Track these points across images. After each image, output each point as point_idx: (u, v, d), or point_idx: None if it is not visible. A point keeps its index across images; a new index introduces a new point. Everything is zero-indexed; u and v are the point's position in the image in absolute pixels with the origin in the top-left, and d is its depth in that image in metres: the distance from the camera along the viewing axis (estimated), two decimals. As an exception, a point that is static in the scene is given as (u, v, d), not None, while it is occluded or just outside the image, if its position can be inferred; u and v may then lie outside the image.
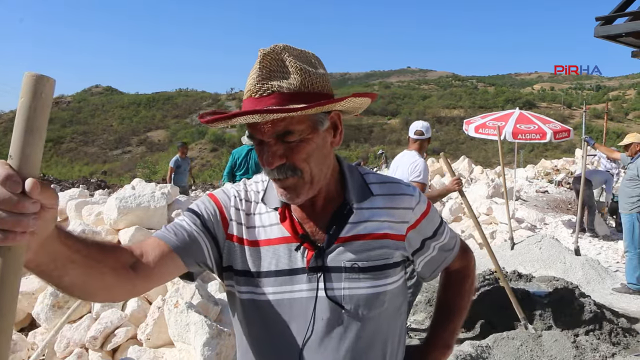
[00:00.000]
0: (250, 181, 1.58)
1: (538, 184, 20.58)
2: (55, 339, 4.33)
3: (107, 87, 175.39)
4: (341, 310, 1.40)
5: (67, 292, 1.15)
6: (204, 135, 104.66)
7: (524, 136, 12.04)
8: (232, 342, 3.86)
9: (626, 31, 7.23)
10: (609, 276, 8.32)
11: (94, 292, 1.21)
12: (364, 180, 1.53)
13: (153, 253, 1.32)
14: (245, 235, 1.45)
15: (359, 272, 1.41)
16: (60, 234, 1.04)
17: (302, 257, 1.41)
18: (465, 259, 1.76)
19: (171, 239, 1.37)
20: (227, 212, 1.48)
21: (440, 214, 1.68)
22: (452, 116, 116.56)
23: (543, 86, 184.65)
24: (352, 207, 1.45)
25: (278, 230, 1.44)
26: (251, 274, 1.43)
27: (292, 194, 1.36)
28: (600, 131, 53.16)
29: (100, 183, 22.70)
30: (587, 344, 4.73)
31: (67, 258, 1.07)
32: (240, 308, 1.47)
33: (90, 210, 6.10)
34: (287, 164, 1.33)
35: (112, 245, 1.29)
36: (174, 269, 1.37)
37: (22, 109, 0.84)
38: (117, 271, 1.21)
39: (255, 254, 1.43)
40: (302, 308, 1.40)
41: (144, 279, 1.29)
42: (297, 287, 1.41)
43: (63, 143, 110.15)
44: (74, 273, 1.10)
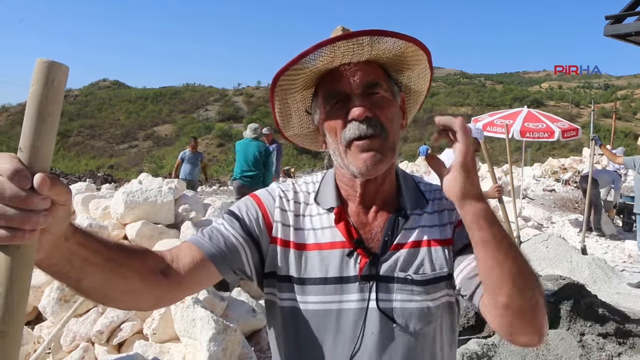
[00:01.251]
0: (300, 181, 1.49)
1: (545, 183, 20.53)
2: (62, 333, 4.34)
3: (114, 81, 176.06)
4: (392, 324, 1.29)
5: (88, 296, 1.09)
6: (211, 130, 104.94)
7: (532, 135, 12.00)
8: (238, 337, 3.87)
9: (636, 30, 7.20)
10: (615, 275, 8.30)
11: (117, 297, 1.13)
12: (418, 187, 1.46)
13: (185, 259, 1.24)
14: (293, 238, 1.35)
15: (411, 284, 1.31)
16: (77, 234, 0.98)
17: (355, 265, 1.31)
18: None
19: (205, 244, 1.29)
20: (271, 214, 1.38)
21: None
22: (460, 114, 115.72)
23: (551, 84, 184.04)
24: (407, 213, 1.37)
25: (330, 234, 1.34)
26: (295, 280, 1.33)
27: (376, 157, 1.25)
28: (608, 130, 52.94)
29: (107, 177, 22.77)
30: (593, 343, 4.71)
31: (85, 260, 1.01)
32: (281, 317, 1.36)
33: (98, 204, 6.11)
34: (374, 119, 1.25)
35: (140, 249, 1.21)
36: (206, 277, 1.28)
37: (33, 97, 0.79)
38: (144, 276, 1.14)
39: (303, 259, 1.34)
40: (350, 320, 1.29)
41: (175, 286, 1.21)
42: (346, 296, 1.30)
43: (70, 137, 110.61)
44: (94, 277, 1.04)
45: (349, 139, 1.26)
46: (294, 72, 1.27)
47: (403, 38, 1.25)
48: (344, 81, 1.27)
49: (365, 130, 1.24)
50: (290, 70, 1.26)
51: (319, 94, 1.34)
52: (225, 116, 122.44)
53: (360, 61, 1.29)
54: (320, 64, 1.25)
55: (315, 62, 1.24)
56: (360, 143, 1.26)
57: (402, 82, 1.43)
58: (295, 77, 1.29)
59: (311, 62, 1.24)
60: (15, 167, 0.76)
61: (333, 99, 1.29)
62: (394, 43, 1.26)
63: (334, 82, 1.28)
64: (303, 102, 1.42)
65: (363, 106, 1.24)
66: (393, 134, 1.29)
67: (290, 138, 1.52)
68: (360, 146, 1.26)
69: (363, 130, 1.24)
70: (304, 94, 1.39)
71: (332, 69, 1.29)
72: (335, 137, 1.30)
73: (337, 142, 1.30)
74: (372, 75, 1.29)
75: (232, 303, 4.64)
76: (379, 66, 1.33)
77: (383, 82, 1.31)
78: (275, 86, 1.31)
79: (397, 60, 1.34)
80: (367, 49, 1.24)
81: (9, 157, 0.78)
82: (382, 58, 1.31)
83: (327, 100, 1.31)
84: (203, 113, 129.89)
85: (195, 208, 6.37)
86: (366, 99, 1.27)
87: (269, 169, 9.29)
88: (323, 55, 1.22)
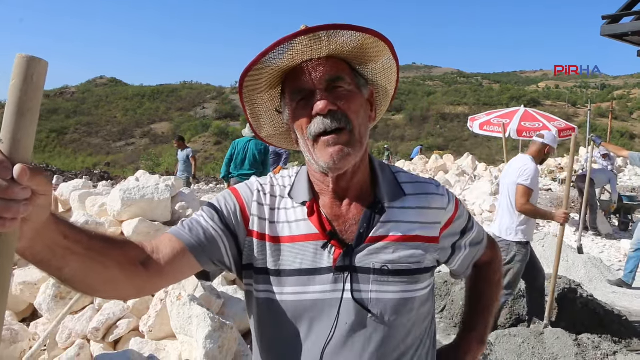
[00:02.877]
0: (277, 175, 1.51)
1: (542, 182, 20.55)
2: (57, 330, 4.32)
3: (111, 78, 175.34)
4: (367, 314, 1.31)
5: (69, 285, 1.12)
6: (208, 128, 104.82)
7: (529, 134, 12.04)
8: (234, 335, 3.86)
9: (632, 30, 7.22)
10: (611, 275, 8.33)
11: (98, 286, 1.17)
12: (395, 179, 1.46)
13: (165, 250, 1.27)
14: (268, 231, 1.38)
15: (388, 275, 1.32)
16: (59, 223, 1.02)
17: (328, 256, 1.33)
18: (493, 251, 1.72)
19: (185, 235, 1.32)
20: (249, 207, 1.41)
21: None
22: (457, 113, 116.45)
23: (548, 84, 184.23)
24: (383, 205, 1.38)
25: (304, 226, 1.36)
26: (271, 272, 1.35)
27: (344, 151, 1.28)
28: (604, 130, 53.10)
29: (104, 174, 22.77)
30: (588, 342, 4.72)
31: (67, 248, 1.04)
32: (257, 308, 1.40)
33: (94, 202, 6.09)
34: (339, 112, 1.28)
35: (121, 240, 1.24)
36: (187, 268, 1.31)
37: (13, 91, 0.83)
38: (124, 266, 1.17)
39: (277, 251, 1.36)
40: (324, 310, 1.32)
41: (155, 277, 1.24)
42: (320, 287, 1.32)
43: (67, 134, 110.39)
44: (74, 265, 1.07)
45: (314, 133, 1.29)
46: (257, 72, 1.29)
47: (359, 30, 1.28)
48: (307, 77, 1.29)
49: (329, 125, 1.27)
50: (253, 71, 1.29)
51: (286, 92, 1.36)
52: (223, 114, 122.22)
53: (322, 57, 1.31)
54: (281, 62, 1.27)
55: (276, 60, 1.26)
56: (326, 138, 1.28)
57: (368, 77, 1.44)
58: (259, 77, 1.31)
59: (272, 60, 1.27)
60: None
61: (298, 95, 1.32)
62: (350, 36, 1.28)
63: (297, 80, 1.31)
64: (272, 101, 1.44)
65: (325, 99, 1.27)
66: (359, 127, 1.32)
67: (266, 139, 1.55)
68: (326, 141, 1.29)
69: (328, 125, 1.27)
70: (271, 93, 1.42)
71: (295, 67, 1.31)
72: (303, 134, 1.33)
73: (304, 139, 1.33)
74: (334, 69, 1.31)
75: (229, 301, 4.63)
76: (342, 61, 1.36)
77: (346, 76, 1.33)
78: (242, 87, 1.34)
79: (358, 53, 1.36)
80: (325, 44, 1.27)
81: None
82: (343, 52, 1.33)
83: (292, 97, 1.33)
84: (200, 111, 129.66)
85: (192, 205, 6.35)
86: (330, 94, 1.29)
87: (267, 168, 9.29)
88: (283, 54, 1.25)
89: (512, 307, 5.83)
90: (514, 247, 5.14)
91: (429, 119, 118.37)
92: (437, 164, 22.45)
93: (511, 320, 5.74)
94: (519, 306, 5.85)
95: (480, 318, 1.72)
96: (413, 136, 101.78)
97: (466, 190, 15.82)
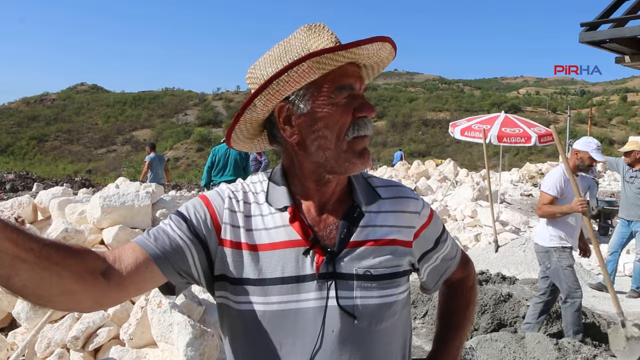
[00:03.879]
0: (247, 181, 1.45)
1: (523, 188, 20.75)
2: (36, 339, 4.27)
3: (92, 85, 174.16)
4: (353, 321, 1.28)
5: (20, 295, 1.04)
6: (190, 134, 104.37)
7: (509, 139, 12.14)
8: (215, 342, 3.84)
9: (610, 37, 7.30)
10: (591, 279, 8.40)
11: (51, 297, 1.08)
12: (368, 183, 1.45)
13: (128, 260, 1.19)
14: (244, 239, 1.32)
15: (371, 280, 1.31)
16: (6, 230, 0.95)
17: (311, 263, 1.29)
18: (467, 269, 1.68)
19: (150, 245, 1.25)
20: (220, 215, 1.34)
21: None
22: (439, 119, 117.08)
23: (528, 90, 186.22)
24: (361, 210, 1.37)
25: (284, 233, 1.31)
26: (250, 282, 1.29)
27: (369, 156, 1.33)
28: (584, 136, 53.66)
29: (85, 182, 22.57)
30: (569, 345, 4.76)
31: (16, 256, 0.97)
32: (236, 320, 1.33)
33: (74, 209, 6.03)
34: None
35: (80, 248, 1.15)
36: (149, 279, 1.24)
37: None
38: (81, 276, 1.09)
39: (256, 260, 1.30)
40: (309, 319, 1.28)
41: (116, 288, 1.16)
42: (304, 295, 1.28)
43: (47, 141, 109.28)
44: (25, 274, 0.99)
45: (356, 135, 1.28)
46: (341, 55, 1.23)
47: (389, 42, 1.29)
48: (356, 79, 1.30)
49: (369, 130, 1.30)
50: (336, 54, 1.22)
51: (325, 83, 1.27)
52: (205, 121, 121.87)
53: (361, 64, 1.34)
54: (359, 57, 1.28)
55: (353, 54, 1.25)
56: (365, 140, 1.31)
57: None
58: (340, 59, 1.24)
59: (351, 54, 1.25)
60: None
61: (346, 91, 1.28)
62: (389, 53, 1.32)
63: (348, 77, 1.28)
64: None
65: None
66: None
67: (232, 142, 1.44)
68: (363, 142, 1.30)
69: (369, 130, 1.30)
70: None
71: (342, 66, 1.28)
72: (339, 131, 1.28)
73: (337, 138, 1.28)
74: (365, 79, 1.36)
75: (210, 308, 4.60)
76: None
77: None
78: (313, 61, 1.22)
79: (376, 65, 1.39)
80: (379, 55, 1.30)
81: None
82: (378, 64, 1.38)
83: (339, 91, 1.27)
84: (182, 117, 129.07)
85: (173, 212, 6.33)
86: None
87: (248, 174, 9.26)
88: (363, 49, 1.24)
89: (493, 312, 5.86)
90: (552, 253, 5.17)
91: (411, 125, 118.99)
92: (419, 169, 22.57)
93: (492, 324, 5.77)
94: (500, 311, 5.89)
95: (451, 337, 1.67)
96: (395, 142, 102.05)
97: (448, 196, 15.91)
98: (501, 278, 7.25)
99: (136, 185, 6.44)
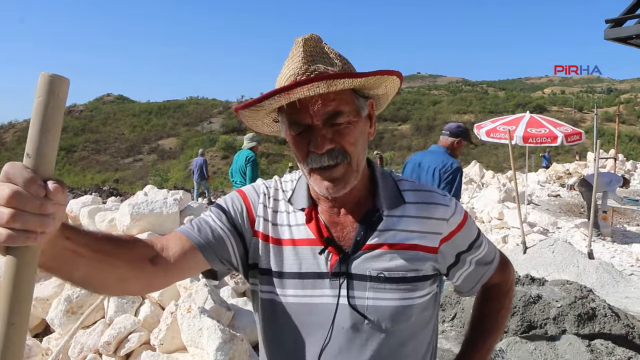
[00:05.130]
0: (282, 179, 1.54)
1: (550, 188, 20.49)
2: (69, 344, 4.35)
3: (118, 95, 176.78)
4: (363, 321, 1.33)
5: (81, 286, 1.16)
6: (215, 142, 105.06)
7: (535, 140, 12.00)
8: (244, 347, 3.87)
9: (636, 33, 7.20)
10: (623, 280, 8.25)
11: (108, 285, 1.20)
12: (397, 187, 1.45)
13: (174, 248, 1.29)
14: (271, 232, 1.41)
15: (384, 282, 1.33)
16: (65, 229, 1.04)
17: (325, 262, 1.35)
18: (505, 273, 1.65)
19: (193, 234, 1.35)
20: (255, 209, 1.45)
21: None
22: (463, 121, 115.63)
23: (553, 90, 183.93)
24: (381, 213, 1.38)
25: (304, 231, 1.39)
26: (274, 273, 1.39)
27: (339, 184, 1.29)
28: (612, 134, 52.86)
29: (112, 191, 22.82)
30: (602, 347, 4.68)
31: (75, 252, 1.07)
32: (261, 308, 1.43)
33: (104, 217, 6.13)
34: (336, 149, 1.27)
35: (128, 238, 1.26)
36: (194, 265, 1.34)
37: (38, 108, 0.86)
38: (132, 264, 1.20)
39: (279, 253, 1.39)
40: (322, 314, 1.34)
41: (163, 273, 1.26)
42: (319, 292, 1.35)
43: (75, 151, 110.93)
44: (84, 267, 1.10)
45: (310, 168, 1.30)
46: (256, 109, 1.27)
47: (360, 76, 1.22)
48: (305, 113, 1.25)
49: (326, 162, 1.27)
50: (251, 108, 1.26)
51: (284, 116, 1.32)
52: (229, 128, 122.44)
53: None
54: (277, 103, 1.24)
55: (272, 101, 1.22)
56: (322, 174, 1.29)
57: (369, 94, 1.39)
58: (258, 111, 1.29)
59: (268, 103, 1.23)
60: (31, 177, 0.85)
61: (296, 128, 1.29)
62: (352, 82, 1.23)
63: (295, 113, 1.26)
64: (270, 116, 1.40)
65: (323, 137, 1.25)
66: (357, 155, 1.31)
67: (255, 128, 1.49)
68: (324, 175, 1.29)
69: (324, 162, 1.27)
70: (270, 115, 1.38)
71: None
72: (300, 161, 1.33)
73: (302, 166, 1.33)
74: (333, 104, 1.25)
75: (239, 313, 4.64)
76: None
77: (345, 107, 1.27)
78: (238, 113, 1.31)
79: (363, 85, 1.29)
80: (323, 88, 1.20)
81: (21, 167, 0.86)
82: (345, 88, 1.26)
83: (290, 127, 1.30)
84: (207, 126, 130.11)
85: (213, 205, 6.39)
86: (327, 129, 1.26)
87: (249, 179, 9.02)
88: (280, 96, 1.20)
89: (523, 314, 5.80)
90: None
91: (435, 128, 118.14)
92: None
93: (522, 327, 5.70)
94: (529, 312, 5.82)
95: (481, 342, 1.67)
96: (419, 146, 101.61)
97: (474, 198, 15.79)
98: (530, 280, 7.15)
99: (164, 193, 6.51)
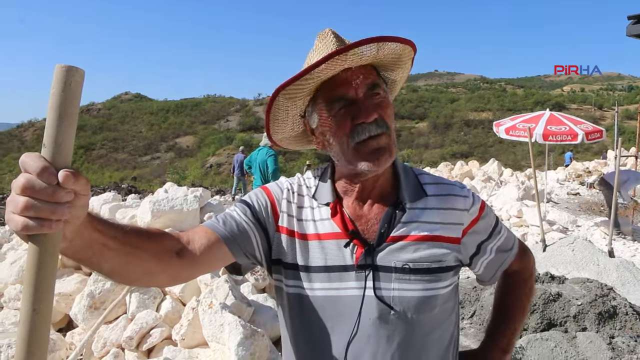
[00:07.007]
0: (305, 175, 1.57)
1: (569, 186, 20.32)
2: (93, 339, 4.41)
3: (136, 94, 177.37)
4: (390, 311, 1.35)
5: (109, 277, 1.19)
6: (232, 140, 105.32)
7: (555, 138, 11.90)
8: (265, 342, 3.90)
9: (659, 29, 7.12)
10: (644, 278, 8.17)
11: (136, 277, 1.24)
12: (418, 180, 1.50)
13: (200, 241, 1.32)
14: (296, 228, 1.44)
15: (409, 274, 1.36)
16: (94, 221, 1.07)
17: (351, 254, 1.38)
18: (524, 260, 1.68)
19: (219, 228, 1.38)
20: (279, 204, 1.48)
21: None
22: (481, 119, 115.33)
23: (573, 87, 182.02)
24: (404, 206, 1.42)
25: (329, 225, 1.42)
26: (300, 267, 1.41)
27: (385, 154, 1.34)
28: (633, 132, 52.24)
29: (131, 189, 23.01)
30: (623, 345, 4.65)
31: (104, 245, 1.09)
32: (287, 302, 1.45)
33: (124, 214, 6.20)
34: (379, 119, 1.33)
35: (156, 232, 1.29)
36: (220, 258, 1.37)
37: (53, 98, 0.87)
38: (159, 257, 1.23)
39: (305, 248, 1.41)
40: (348, 306, 1.37)
41: (190, 266, 1.29)
42: (344, 284, 1.37)
43: (94, 150, 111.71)
44: (112, 260, 1.13)
45: (359, 140, 1.33)
46: (303, 82, 1.31)
47: (404, 42, 1.31)
48: (348, 87, 1.33)
49: (375, 130, 1.32)
50: (299, 81, 1.30)
51: (319, 99, 1.38)
52: (246, 126, 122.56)
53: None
54: (327, 73, 1.29)
55: (321, 72, 1.28)
56: (372, 142, 1.33)
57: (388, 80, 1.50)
58: (304, 87, 1.33)
59: (318, 72, 1.28)
60: (43, 165, 0.86)
61: (338, 104, 1.34)
62: (395, 47, 1.32)
63: (338, 88, 1.33)
64: (302, 107, 1.46)
65: (367, 107, 1.32)
66: (393, 131, 1.38)
67: (278, 142, 1.58)
68: (371, 145, 1.33)
69: (372, 131, 1.32)
70: (305, 100, 1.43)
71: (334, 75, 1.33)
72: (341, 140, 1.36)
73: (344, 144, 1.36)
74: (370, 77, 1.35)
75: (259, 309, 4.67)
76: (372, 67, 1.39)
77: (380, 83, 1.38)
78: (278, 95, 1.35)
79: (392, 61, 1.40)
80: (372, 54, 1.30)
81: (36, 156, 0.87)
82: (382, 60, 1.38)
83: (331, 105, 1.35)
84: (224, 124, 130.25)
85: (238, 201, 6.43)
86: (369, 101, 1.33)
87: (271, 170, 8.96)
88: (330, 64, 1.26)
89: (542, 312, 5.77)
90: None
91: (453, 125, 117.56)
92: (463, 170, 22.35)
93: (542, 324, 5.67)
94: (549, 310, 5.79)
95: (504, 328, 1.71)
96: (437, 143, 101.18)
97: (492, 196, 15.70)
98: (550, 278, 7.10)
99: (184, 190, 6.58)
